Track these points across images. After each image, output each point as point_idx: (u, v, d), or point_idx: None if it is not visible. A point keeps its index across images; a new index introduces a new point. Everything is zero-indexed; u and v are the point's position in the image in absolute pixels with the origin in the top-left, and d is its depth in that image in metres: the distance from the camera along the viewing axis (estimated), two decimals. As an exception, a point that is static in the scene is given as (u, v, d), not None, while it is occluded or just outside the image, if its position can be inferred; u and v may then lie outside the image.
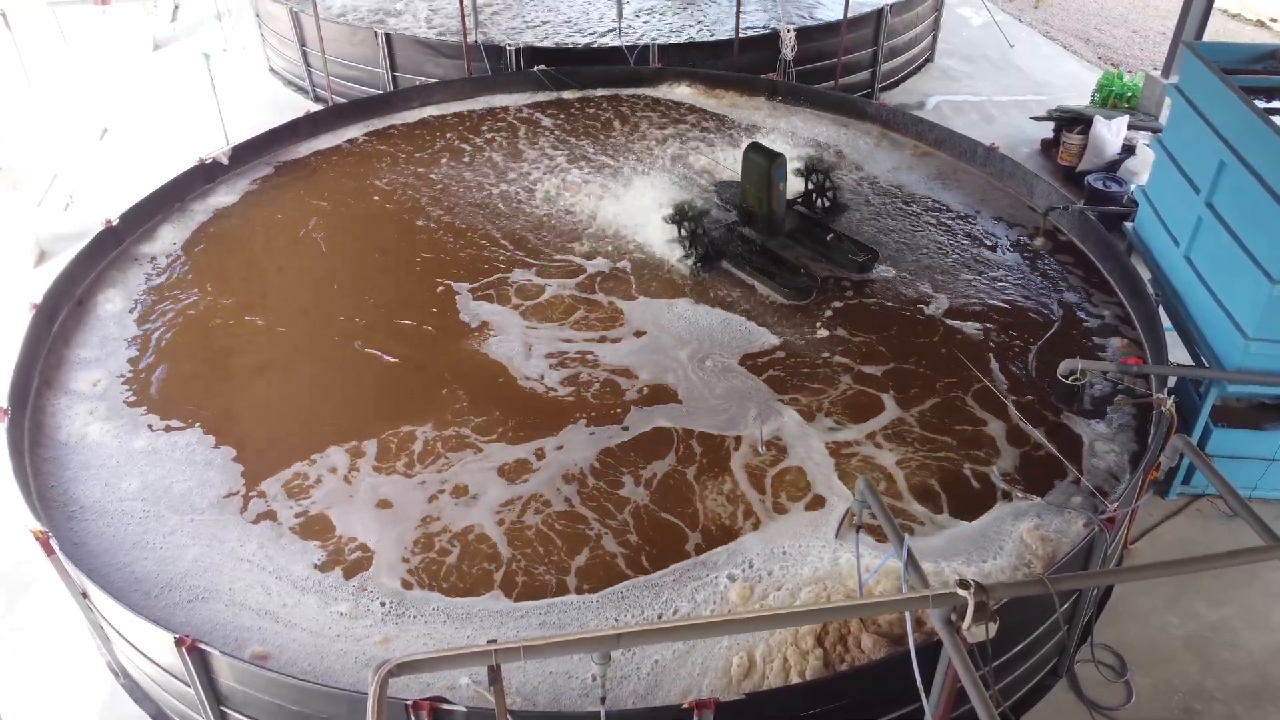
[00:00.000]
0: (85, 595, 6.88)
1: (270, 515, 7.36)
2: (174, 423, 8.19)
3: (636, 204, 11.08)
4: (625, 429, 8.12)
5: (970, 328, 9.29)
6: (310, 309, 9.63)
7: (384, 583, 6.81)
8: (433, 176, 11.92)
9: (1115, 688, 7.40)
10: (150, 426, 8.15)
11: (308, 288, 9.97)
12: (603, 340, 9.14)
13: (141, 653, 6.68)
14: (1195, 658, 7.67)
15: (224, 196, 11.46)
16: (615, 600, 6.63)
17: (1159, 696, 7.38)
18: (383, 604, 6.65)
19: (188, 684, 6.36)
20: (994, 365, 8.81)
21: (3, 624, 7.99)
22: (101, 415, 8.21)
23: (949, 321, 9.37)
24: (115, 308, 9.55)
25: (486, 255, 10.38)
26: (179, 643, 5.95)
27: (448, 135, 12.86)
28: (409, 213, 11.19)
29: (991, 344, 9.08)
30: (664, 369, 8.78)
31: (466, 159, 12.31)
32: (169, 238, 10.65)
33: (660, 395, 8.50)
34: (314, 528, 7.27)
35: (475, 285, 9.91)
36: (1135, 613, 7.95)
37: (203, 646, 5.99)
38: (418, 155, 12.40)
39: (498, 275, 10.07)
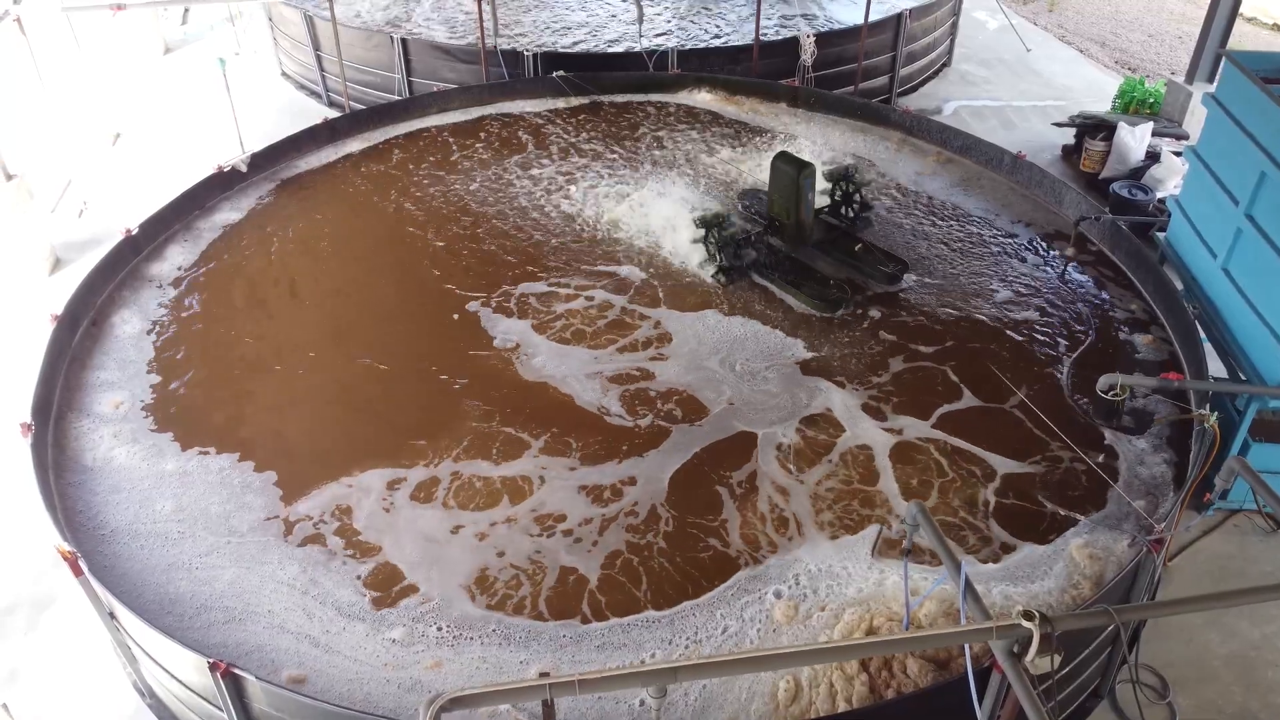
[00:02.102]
0: (113, 615, 6.76)
1: (315, 539, 7.20)
2: (204, 446, 8.01)
3: (659, 213, 10.95)
4: (678, 442, 8.02)
5: (1002, 339, 9.16)
6: (332, 329, 9.42)
7: (436, 607, 6.68)
8: (452, 186, 11.78)
9: (1158, 709, 7.28)
10: (180, 450, 7.97)
11: (327, 306, 9.76)
12: (644, 356, 9.00)
13: (172, 675, 6.56)
14: (1238, 678, 7.55)
15: (231, 213, 11.15)
16: (670, 619, 6.57)
17: (1202, 717, 7.27)
18: (439, 629, 6.53)
19: (219, 707, 6.24)
20: (1028, 379, 8.68)
21: (24, 642, 7.88)
22: (127, 438, 8.04)
23: (980, 333, 9.25)
24: (132, 329, 9.31)
25: (509, 268, 10.23)
26: (213, 667, 5.83)
27: (465, 142, 12.73)
28: (428, 225, 11.02)
29: (1024, 356, 8.96)
30: (708, 379, 8.68)
31: (485, 167, 12.18)
32: (178, 258, 10.34)
33: (706, 405, 8.40)
34: (361, 552, 7.11)
35: (500, 299, 9.75)
36: (1175, 631, 7.83)
37: (237, 671, 5.87)
38: (436, 164, 12.27)
39: (520, 288, 9.92)
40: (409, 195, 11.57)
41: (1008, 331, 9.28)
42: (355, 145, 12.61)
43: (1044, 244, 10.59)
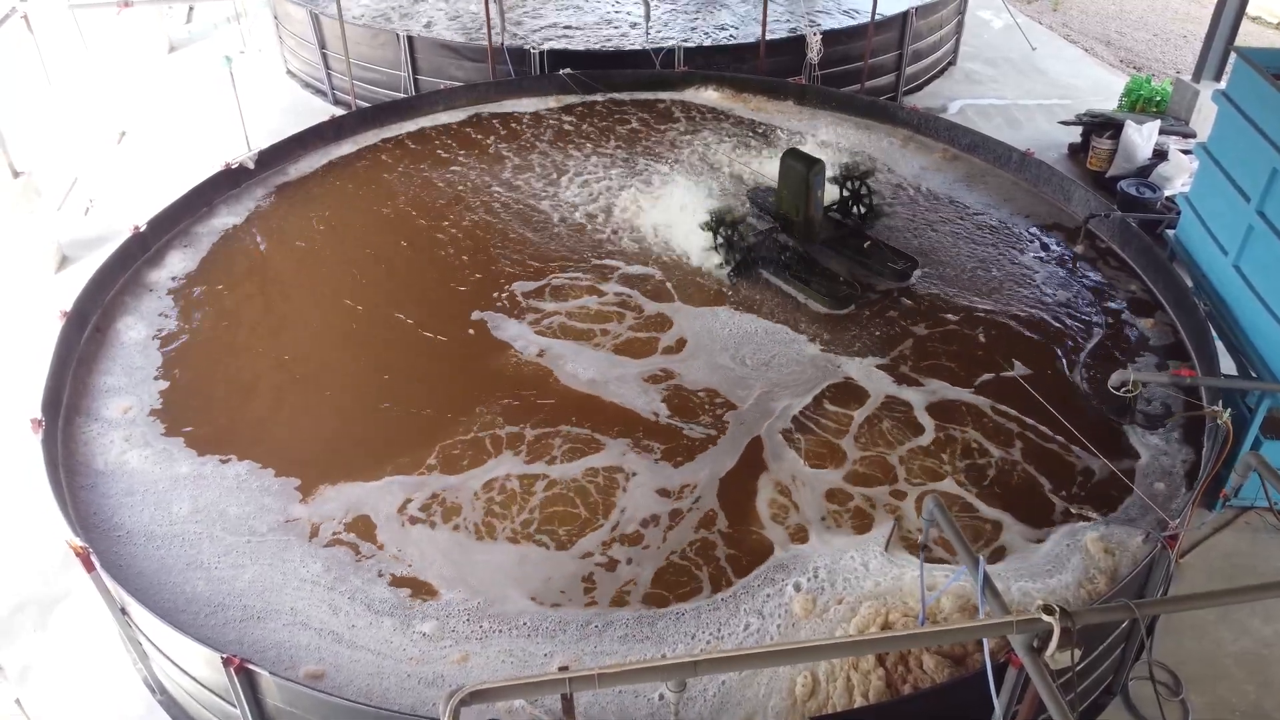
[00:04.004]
0: (124, 611, 6.74)
1: (338, 540, 7.17)
2: (217, 450, 7.95)
3: (668, 210, 10.94)
4: (706, 436, 8.07)
5: (1011, 335, 9.17)
6: (340, 334, 9.31)
7: (464, 602, 6.69)
8: (458, 185, 11.75)
9: (1171, 706, 7.26)
10: (192, 454, 7.92)
11: (333, 311, 9.61)
12: (663, 354, 9.00)
13: (185, 671, 6.54)
14: (1250, 675, 7.53)
15: (230, 217, 10.99)
16: (694, 614, 6.62)
17: (1215, 715, 7.25)
18: (468, 622, 6.55)
19: (233, 704, 6.23)
20: (1040, 374, 8.68)
21: (34, 640, 7.86)
22: (139, 442, 8.00)
23: (989, 328, 9.26)
24: (136, 335, 9.20)
25: (518, 269, 10.17)
26: (227, 662, 5.82)
27: (471, 141, 12.70)
28: (435, 224, 10.96)
29: (1034, 352, 8.96)
30: (729, 375, 8.72)
31: (491, 166, 12.15)
32: (179, 264, 10.19)
33: (736, 401, 8.43)
34: (388, 552, 7.09)
35: (511, 301, 9.69)
36: (1186, 628, 7.82)
37: (251, 667, 5.85)
38: (441, 162, 12.24)
39: (531, 288, 9.87)
40: (414, 195, 11.52)
41: (1016, 327, 9.27)
42: (360, 144, 12.56)
43: (1053, 241, 10.58)
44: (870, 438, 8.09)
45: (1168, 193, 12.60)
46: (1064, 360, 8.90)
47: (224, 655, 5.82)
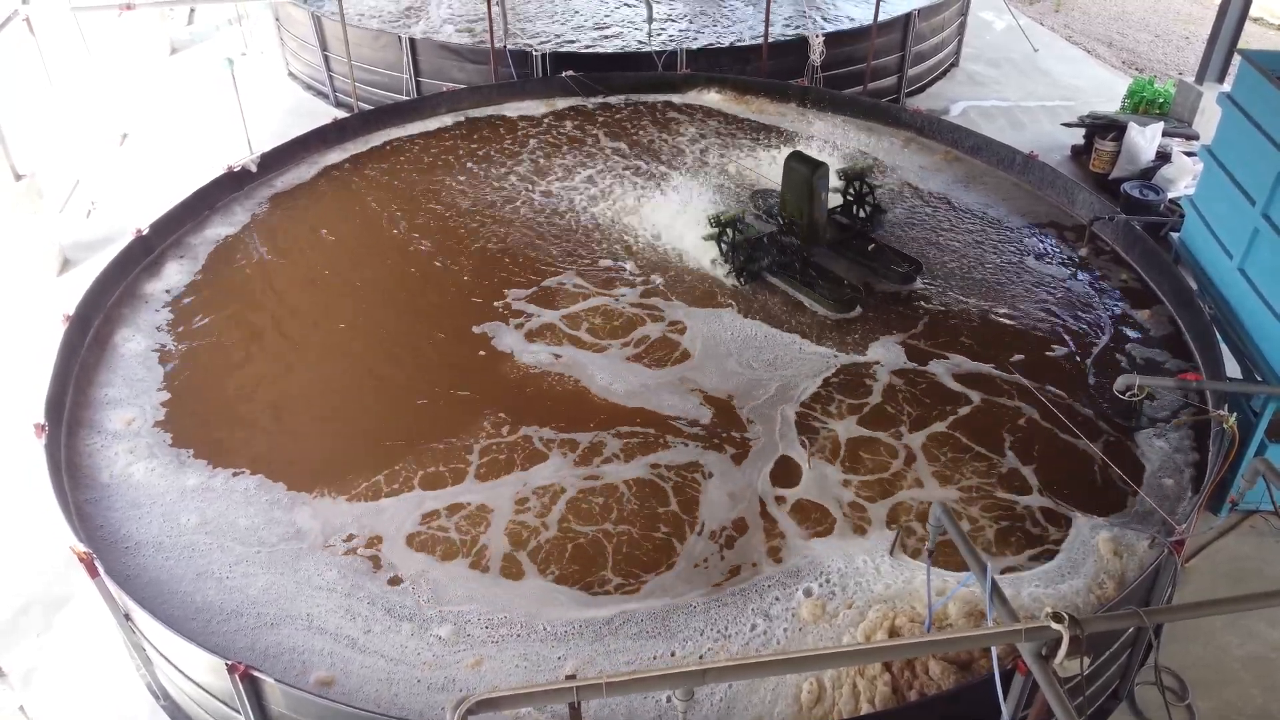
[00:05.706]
0: (128, 618, 6.73)
1: (352, 550, 7.15)
2: (224, 462, 7.89)
3: (671, 213, 10.93)
4: (720, 436, 8.11)
5: (1018, 339, 9.15)
6: (343, 342, 9.24)
7: (477, 608, 6.70)
8: (459, 188, 11.72)
9: (1177, 711, 7.23)
10: (199, 466, 7.86)
11: (335, 321, 9.53)
12: (675, 358, 9.01)
13: (189, 678, 6.52)
14: (1256, 680, 7.51)
15: (225, 228, 10.89)
16: (702, 611, 6.64)
17: (1222, 720, 7.25)
18: (485, 627, 6.56)
19: (237, 710, 6.21)
20: (1046, 379, 8.66)
21: (39, 643, 7.84)
22: (144, 454, 7.94)
23: (993, 330, 9.25)
24: (136, 347, 9.12)
25: (521, 274, 10.12)
26: (231, 669, 5.80)
27: (473, 144, 12.69)
28: (436, 230, 10.89)
29: (1039, 355, 8.95)
30: (739, 380, 8.72)
31: (493, 169, 12.13)
32: (176, 276, 10.09)
33: (750, 402, 8.47)
34: (399, 560, 7.08)
35: (514, 308, 9.64)
36: (1192, 632, 7.79)
37: (256, 673, 5.83)
38: (442, 166, 12.22)
39: (533, 293, 9.83)
40: (415, 199, 11.47)
41: (1021, 329, 9.27)
42: (362, 147, 12.52)
43: (1056, 244, 10.57)
44: (879, 438, 8.07)
45: (1171, 195, 12.58)
46: (1069, 364, 8.88)
47: (229, 662, 5.80)
